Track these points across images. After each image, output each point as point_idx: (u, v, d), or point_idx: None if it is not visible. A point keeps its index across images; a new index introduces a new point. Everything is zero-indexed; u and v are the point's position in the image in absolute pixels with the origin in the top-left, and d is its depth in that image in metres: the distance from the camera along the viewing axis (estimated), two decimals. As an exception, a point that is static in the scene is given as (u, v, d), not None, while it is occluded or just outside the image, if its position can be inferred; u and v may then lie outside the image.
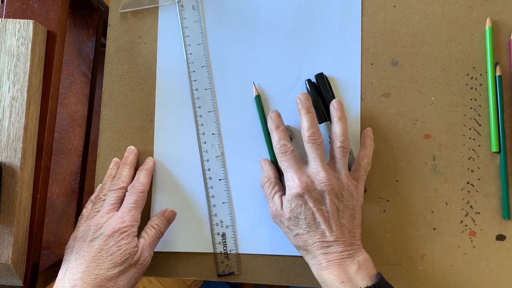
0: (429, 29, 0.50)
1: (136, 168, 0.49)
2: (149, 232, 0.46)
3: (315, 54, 0.50)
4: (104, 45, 0.52)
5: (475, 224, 0.48)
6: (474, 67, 0.50)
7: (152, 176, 0.49)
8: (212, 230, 0.49)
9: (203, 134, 0.50)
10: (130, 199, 0.45)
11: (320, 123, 0.48)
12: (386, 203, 0.49)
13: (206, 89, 0.50)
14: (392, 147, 0.49)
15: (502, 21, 0.50)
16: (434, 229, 0.48)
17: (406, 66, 0.50)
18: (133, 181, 0.47)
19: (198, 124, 0.50)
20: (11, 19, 0.45)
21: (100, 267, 0.41)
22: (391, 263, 0.48)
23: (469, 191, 0.48)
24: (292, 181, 0.43)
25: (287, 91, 0.50)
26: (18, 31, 0.44)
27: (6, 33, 0.44)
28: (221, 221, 0.49)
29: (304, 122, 0.45)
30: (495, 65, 0.49)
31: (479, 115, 0.49)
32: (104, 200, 0.46)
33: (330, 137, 0.48)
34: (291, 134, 0.49)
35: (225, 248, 0.49)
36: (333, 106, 0.46)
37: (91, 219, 0.45)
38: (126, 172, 0.48)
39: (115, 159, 0.50)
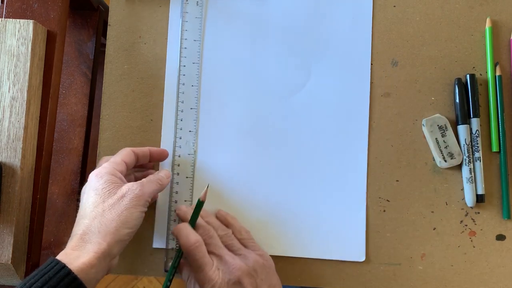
0: (429, 29, 0.50)
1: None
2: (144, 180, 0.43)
3: (323, 57, 0.50)
4: (104, 45, 0.52)
5: (475, 224, 0.48)
6: (474, 67, 0.50)
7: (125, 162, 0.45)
8: (212, 230, 0.49)
9: (181, 129, 0.50)
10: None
11: (460, 124, 0.48)
12: (386, 203, 0.49)
13: (192, 85, 0.50)
14: (392, 147, 0.49)
15: (502, 21, 0.50)
16: (434, 229, 0.48)
17: (406, 66, 0.50)
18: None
19: (178, 118, 0.50)
20: (11, 19, 0.45)
21: (83, 216, 0.39)
22: (391, 263, 0.48)
23: (469, 191, 0.48)
24: (232, 264, 0.42)
25: (295, 92, 0.50)
26: (18, 31, 0.44)
27: (6, 33, 0.44)
28: (221, 221, 0.49)
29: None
30: (495, 65, 0.49)
31: (479, 115, 0.49)
32: None
33: (463, 141, 0.48)
34: (445, 123, 0.48)
35: (225, 248, 0.49)
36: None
37: None
38: (121, 151, 0.45)
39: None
